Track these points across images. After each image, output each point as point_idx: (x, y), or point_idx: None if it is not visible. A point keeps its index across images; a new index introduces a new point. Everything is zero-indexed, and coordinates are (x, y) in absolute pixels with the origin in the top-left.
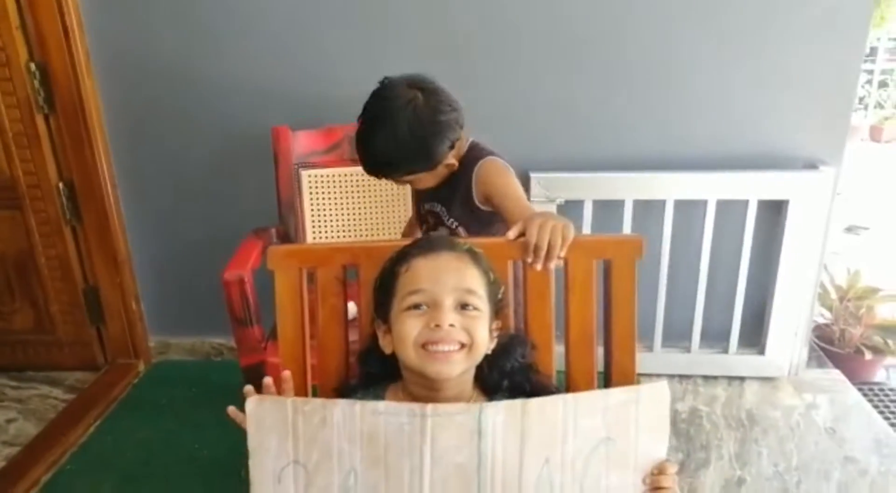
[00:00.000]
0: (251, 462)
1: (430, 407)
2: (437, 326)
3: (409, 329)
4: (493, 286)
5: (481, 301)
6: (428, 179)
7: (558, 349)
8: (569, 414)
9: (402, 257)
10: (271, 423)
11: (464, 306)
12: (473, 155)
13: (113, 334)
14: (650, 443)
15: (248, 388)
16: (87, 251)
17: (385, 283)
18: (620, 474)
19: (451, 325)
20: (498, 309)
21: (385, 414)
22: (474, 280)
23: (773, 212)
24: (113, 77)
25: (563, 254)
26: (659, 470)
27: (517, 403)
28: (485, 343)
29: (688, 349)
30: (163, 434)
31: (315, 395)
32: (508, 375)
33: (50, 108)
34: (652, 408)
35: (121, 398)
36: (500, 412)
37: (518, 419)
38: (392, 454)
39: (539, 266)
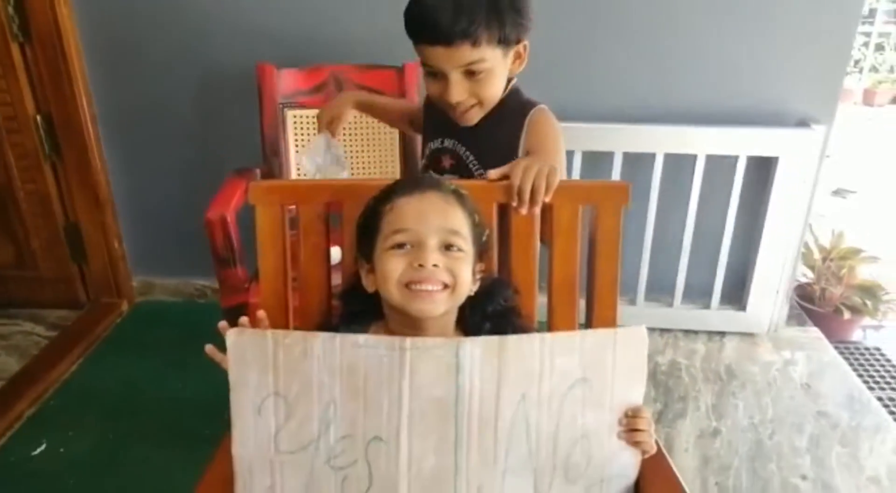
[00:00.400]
0: (232, 397)
1: (409, 341)
2: (421, 266)
3: (392, 268)
4: (478, 229)
5: (465, 242)
6: (490, 80)
7: (541, 300)
8: (545, 352)
9: (386, 195)
10: (251, 356)
11: (448, 247)
12: (523, 98)
13: (95, 272)
14: (626, 386)
15: (223, 324)
16: (68, 188)
17: (368, 221)
18: (596, 414)
19: (435, 265)
20: (482, 252)
21: (364, 347)
22: (459, 221)
23: (762, 169)
24: (91, 10)
25: (547, 199)
26: (635, 413)
27: (494, 339)
28: (468, 284)
29: (670, 304)
30: (146, 373)
31: None
32: (490, 317)
33: (25, 36)
34: (629, 351)
35: (104, 337)
36: (478, 346)
37: (495, 354)
38: (371, 386)
39: (524, 211)
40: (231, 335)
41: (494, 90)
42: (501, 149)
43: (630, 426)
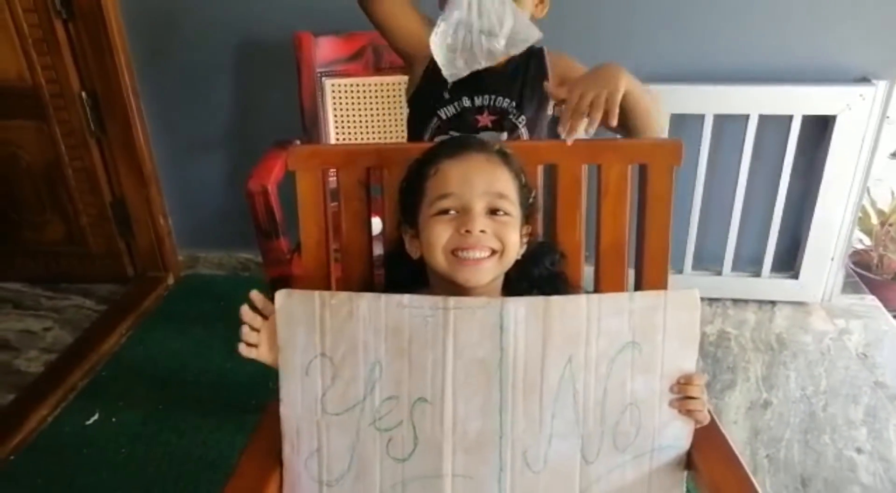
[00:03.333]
0: (280, 357)
1: (452, 300)
2: (468, 232)
3: (438, 235)
4: (525, 190)
5: (512, 206)
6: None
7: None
8: (592, 313)
9: (430, 158)
10: (299, 316)
11: (494, 212)
12: (535, 47)
13: (142, 247)
14: (678, 351)
15: (254, 292)
16: (114, 164)
17: (412, 185)
18: (646, 379)
19: (482, 231)
20: (528, 214)
21: (409, 307)
22: (505, 184)
23: (818, 129)
24: None
25: (609, 121)
26: (687, 380)
27: (539, 299)
28: (516, 249)
29: (719, 272)
30: (193, 345)
31: None
32: (537, 283)
33: (68, 13)
34: (680, 315)
35: (151, 310)
36: (522, 306)
37: (540, 315)
38: (416, 346)
39: (565, 133)
40: (280, 297)
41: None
42: (531, 89)
43: (683, 393)
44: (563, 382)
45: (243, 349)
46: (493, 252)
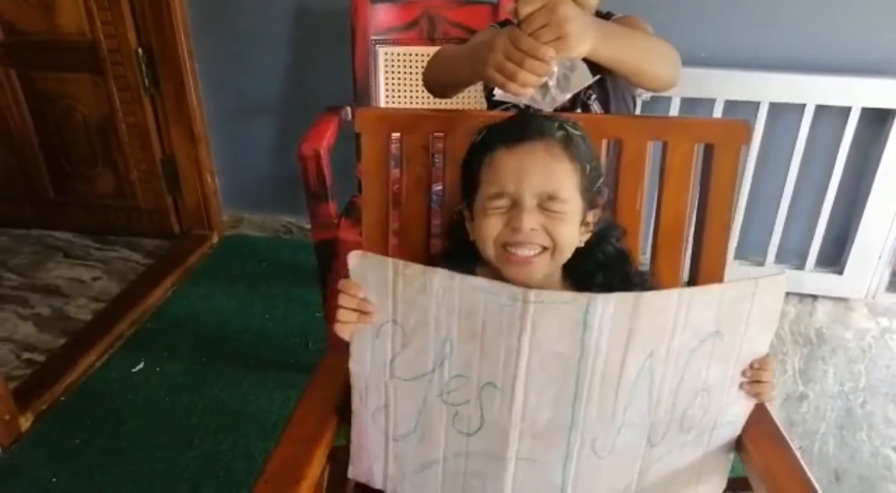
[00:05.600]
0: None
1: (533, 293)
2: (517, 229)
3: (489, 228)
4: (591, 176)
5: (569, 203)
6: None
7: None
8: (682, 308)
9: (486, 143)
10: (372, 280)
11: (547, 208)
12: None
13: (188, 204)
14: (756, 337)
15: (343, 281)
16: (165, 121)
17: (469, 167)
18: (721, 367)
19: (533, 229)
20: (595, 199)
21: (485, 292)
22: (563, 179)
23: (876, 123)
24: None
25: (549, 55)
26: (761, 365)
27: (630, 296)
28: (572, 243)
29: (761, 263)
30: (235, 303)
31: None
32: (603, 266)
33: None
34: (766, 301)
35: (196, 267)
36: (611, 304)
37: (629, 313)
38: (489, 332)
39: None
40: (353, 257)
41: None
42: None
43: (755, 378)
44: (641, 375)
45: (338, 328)
46: (545, 249)
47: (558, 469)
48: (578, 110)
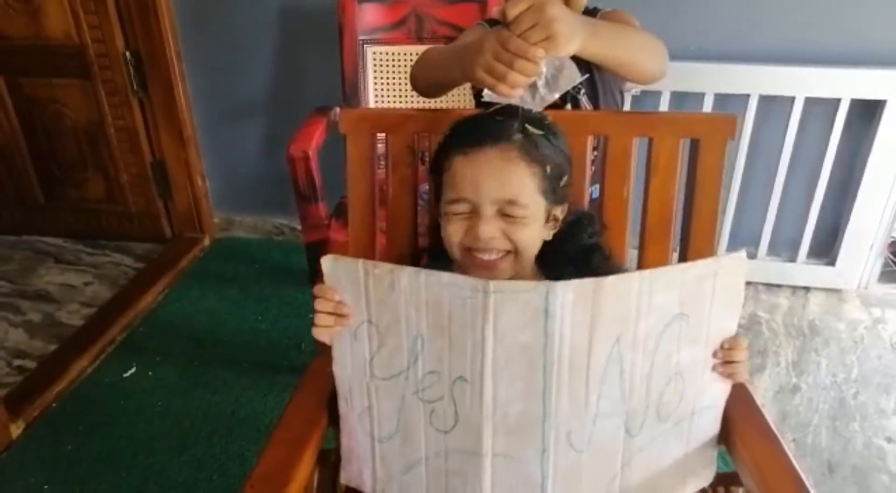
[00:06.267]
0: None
1: (492, 284)
2: (476, 237)
3: (451, 233)
4: (554, 174)
5: (527, 208)
6: None
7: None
8: (644, 291)
9: (445, 149)
10: (346, 283)
11: (507, 213)
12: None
13: (179, 207)
14: (723, 317)
15: (318, 287)
16: (154, 125)
17: (434, 173)
18: (692, 350)
19: (492, 236)
20: (561, 196)
21: (449, 286)
22: (520, 185)
23: (866, 114)
24: None
25: (536, 54)
26: (731, 345)
27: (589, 282)
28: (535, 245)
29: (753, 256)
30: (227, 305)
31: None
32: (573, 258)
33: None
34: (729, 280)
35: (187, 270)
36: (570, 291)
37: (589, 298)
38: (455, 325)
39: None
40: (326, 262)
41: None
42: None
43: (726, 359)
44: (609, 362)
45: (317, 332)
46: (508, 252)
47: (536, 465)
48: (568, 106)
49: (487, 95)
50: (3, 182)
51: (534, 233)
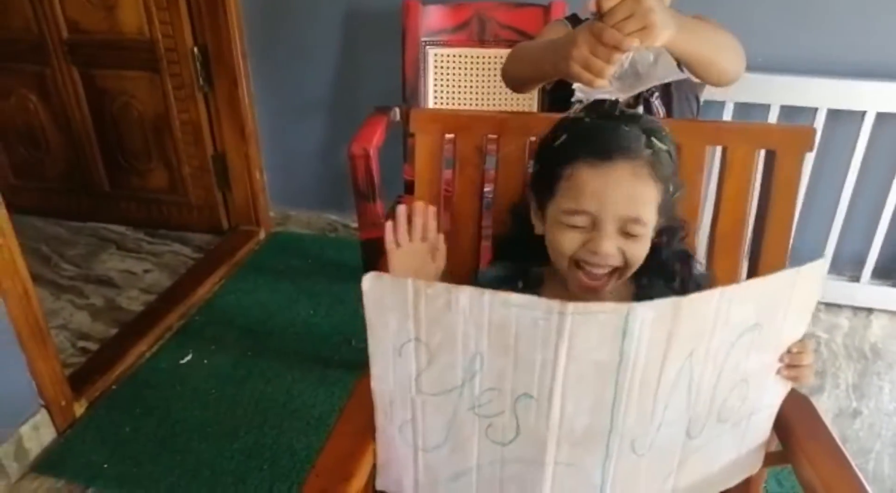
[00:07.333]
0: (369, 336)
1: (571, 306)
2: (595, 253)
3: (565, 243)
4: (673, 191)
5: (648, 226)
6: None
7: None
8: (723, 306)
9: (567, 154)
10: (390, 302)
11: (627, 231)
12: None
13: (237, 200)
14: (795, 324)
15: (419, 204)
16: (217, 119)
17: (545, 170)
18: (760, 355)
19: (610, 253)
20: (672, 210)
21: (518, 307)
22: (646, 203)
23: None
24: None
25: (632, 42)
26: (799, 348)
27: (668, 302)
28: (641, 261)
29: None
30: (281, 298)
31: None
32: (667, 268)
33: None
34: (805, 288)
35: (243, 262)
36: (650, 311)
37: (668, 317)
38: (523, 345)
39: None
40: (367, 281)
41: None
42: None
43: (794, 362)
44: (680, 375)
45: (389, 241)
46: (616, 269)
47: (597, 470)
48: (640, 109)
49: (579, 88)
50: (72, 170)
51: (646, 248)
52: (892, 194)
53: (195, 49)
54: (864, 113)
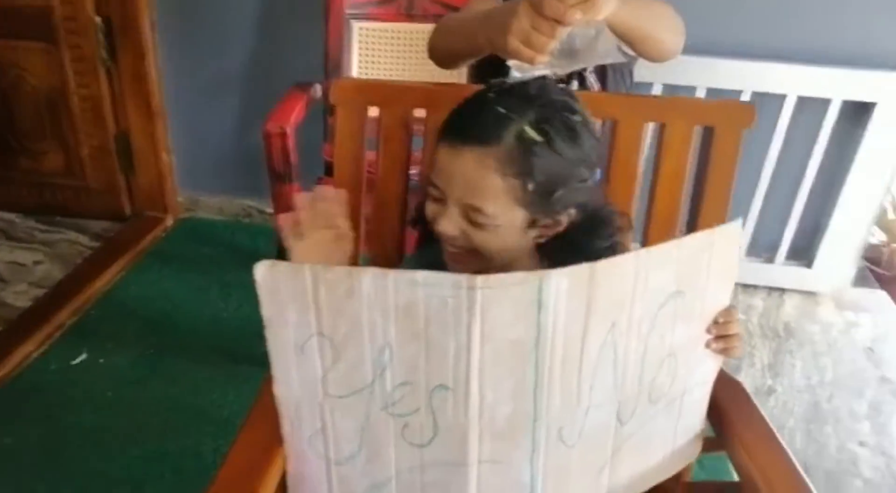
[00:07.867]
0: (267, 333)
1: (479, 279)
2: (437, 227)
3: (427, 211)
4: (541, 187)
5: (494, 218)
6: None
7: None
8: (640, 271)
9: (444, 127)
10: (287, 293)
11: (471, 219)
12: None
13: (142, 184)
14: (718, 289)
15: (327, 188)
16: (121, 95)
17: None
18: (686, 327)
19: (452, 234)
20: (561, 203)
21: (424, 286)
22: (490, 196)
23: (855, 116)
24: None
25: (578, 16)
26: (726, 318)
27: (584, 267)
28: (503, 249)
29: None
30: (188, 290)
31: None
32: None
33: None
34: (723, 251)
35: (147, 250)
36: (564, 278)
37: (584, 284)
38: (433, 329)
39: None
40: (260, 270)
41: None
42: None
43: (721, 333)
44: (603, 350)
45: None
46: (473, 251)
47: (525, 466)
48: (575, 84)
49: (515, 65)
50: None
51: (502, 239)
52: (808, 177)
53: (98, 19)
54: (784, 96)
